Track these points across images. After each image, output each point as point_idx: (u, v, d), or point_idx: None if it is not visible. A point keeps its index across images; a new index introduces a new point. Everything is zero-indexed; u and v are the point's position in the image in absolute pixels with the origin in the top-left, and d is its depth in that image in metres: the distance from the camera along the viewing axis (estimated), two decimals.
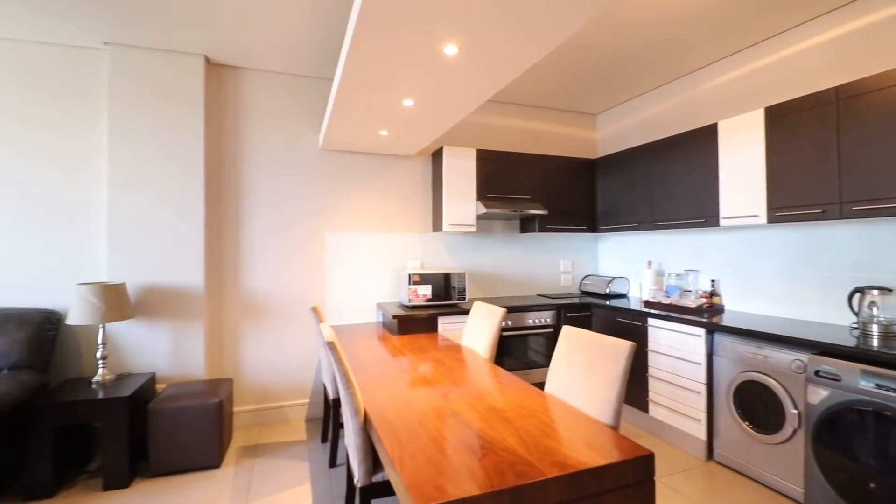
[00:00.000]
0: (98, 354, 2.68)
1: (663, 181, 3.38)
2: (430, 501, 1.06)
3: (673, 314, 2.98)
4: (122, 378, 2.75)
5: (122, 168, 2.93)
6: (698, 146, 3.09)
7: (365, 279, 3.67)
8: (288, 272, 3.44)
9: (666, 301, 3.27)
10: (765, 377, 2.39)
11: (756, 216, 2.69)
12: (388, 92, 2.39)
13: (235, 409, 3.30)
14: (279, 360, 3.41)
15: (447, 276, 3.50)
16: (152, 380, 2.86)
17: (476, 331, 2.76)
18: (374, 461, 1.70)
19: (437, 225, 3.74)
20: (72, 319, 2.55)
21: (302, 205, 3.49)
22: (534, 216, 3.89)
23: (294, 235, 3.46)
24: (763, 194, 2.66)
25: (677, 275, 3.50)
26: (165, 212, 3.01)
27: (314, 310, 2.75)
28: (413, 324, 3.18)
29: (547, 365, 3.60)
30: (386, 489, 1.68)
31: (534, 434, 1.46)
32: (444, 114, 2.77)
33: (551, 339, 3.61)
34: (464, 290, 3.54)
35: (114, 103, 2.92)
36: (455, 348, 2.68)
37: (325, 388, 3.15)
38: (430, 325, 3.23)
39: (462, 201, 3.62)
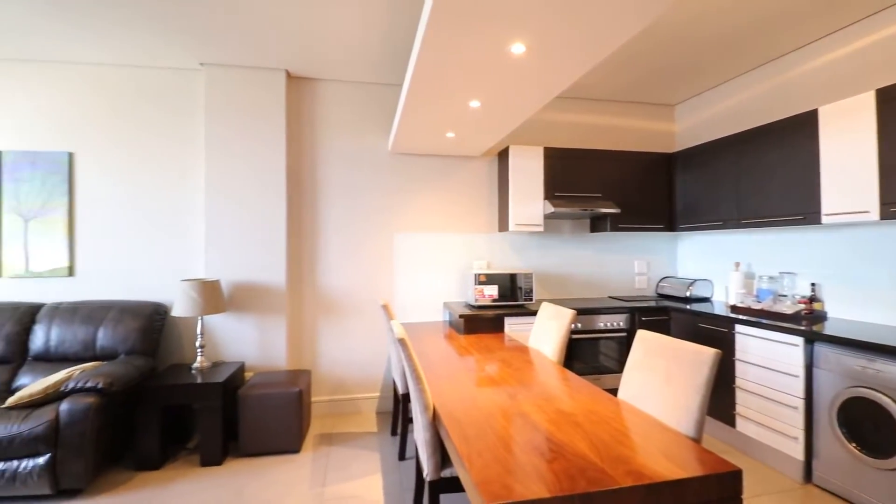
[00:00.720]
0: (197, 343, 2.99)
1: (753, 175, 3.09)
2: (498, 500, 1.06)
3: (765, 321, 2.72)
4: (216, 365, 3.05)
5: (217, 177, 3.24)
6: (795, 135, 2.79)
7: (432, 278, 3.75)
8: (359, 271, 3.61)
9: (757, 306, 2.99)
10: (877, 394, 2.11)
11: (866, 212, 2.38)
12: (455, 93, 2.43)
13: (313, 398, 3.52)
14: (352, 354, 3.59)
15: (513, 277, 3.47)
16: (242, 368, 3.14)
17: (544, 332, 2.71)
18: (442, 456, 1.74)
19: (503, 225, 3.72)
20: (176, 311, 2.87)
21: (372, 207, 3.64)
22: (605, 215, 3.74)
23: (365, 236, 3.62)
24: (875, 187, 2.35)
25: (770, 277, 3.19)
26: (253, 216, 3.28)
27: (384, 307, 2.86)
28: (479, 323, 3.19)
29: (619, 371, 3.45)
30: (454, 485, 1.70)
31: (606, 441, 1.41)
32: (511, 113, 2.75)
33: (624, 344, 3.45)
34: (531, 290, 3.49)
35: (209, 118, 3.24)
36: (522, 349, 2.66)
37: (394, 383, 3.26)
38: (496, 326, 3.22)
39: (529, 201, 3.58)
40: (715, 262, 3.82)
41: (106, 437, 2.47)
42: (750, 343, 2.76)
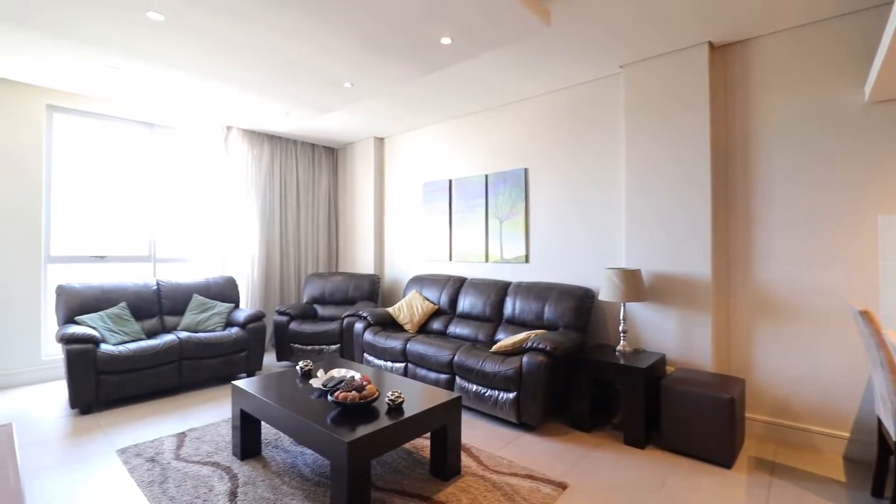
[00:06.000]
0: (620, 328, 3.17)
1: None
2: None
3: None
4: (637, 352, 3.13)
5: (636, 170, 3.33)
6: None
7: None
8: (817, 265, 2.78)
9: None
10: None
11: None
12: None
13: (747, 413, 3.01)
14: (803, 371, 2.82)
15: None
16: (663, 360, 3.07)
17: None
18: None
19: None
20: (602, 296, 3.15)
21: (837, 180, 2.73)
22: None
23: (825, 219, 2.76)
24: None
25: None
26: (672, 204, 3.16)
27: (864, 315, 2.07)
28: None
29: None
30: None
31: None
32: None
33: None
34: None
35: (629, 115, 3.37)
36: None
37: (878, 425, 2.31)
38: None
39: None
40: None
41: (550, 391, 3.00)
42: None
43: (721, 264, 3.10)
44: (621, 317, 3.17)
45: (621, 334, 3.16)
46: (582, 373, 3.04)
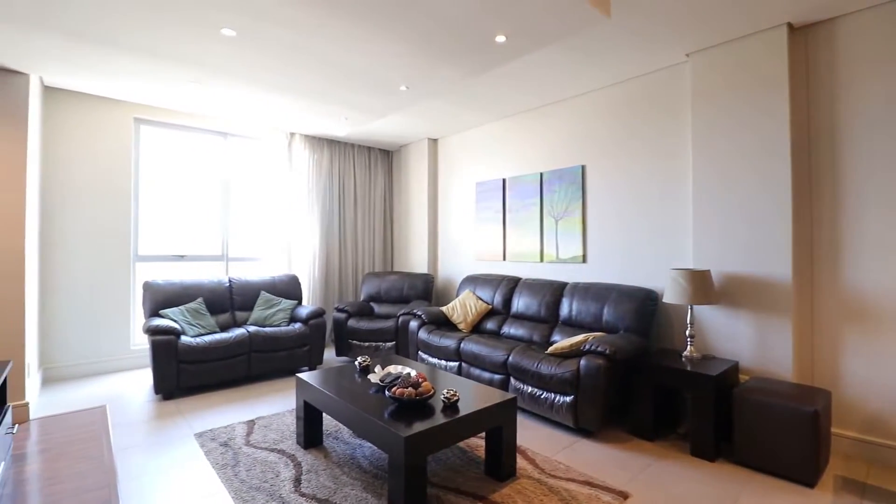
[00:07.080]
0: (687, 332, 2.99)
1: None
2: None
3: None
4: (706, 358, 2.94)
5: (704, 164, 3.13)
6: None
7: None
8: None
9: None
10: None
11: None
12: None
13: (833, 429, 2.74)
14: None
15: None
16: (735, 368, 2.86)
17: None
18: None
19: None
20: (666, 298, 2.99)
21: None
22: None
23: None
24: None
25: None
26: (745, 201, 2.94)
27: None
28: None
29: None
30: None
31: None
32: None
33: None
34: None
35: (695, 106, 3.17)
36: None
37: None
38: None
39: None
40: None
41: (610, 396, 2.89)
42: None
43: (804, 264, 2.84)
44: (688, 320, 2.99)
45: (688, 339, 2.98)
46: (645, 378, 2.90)
